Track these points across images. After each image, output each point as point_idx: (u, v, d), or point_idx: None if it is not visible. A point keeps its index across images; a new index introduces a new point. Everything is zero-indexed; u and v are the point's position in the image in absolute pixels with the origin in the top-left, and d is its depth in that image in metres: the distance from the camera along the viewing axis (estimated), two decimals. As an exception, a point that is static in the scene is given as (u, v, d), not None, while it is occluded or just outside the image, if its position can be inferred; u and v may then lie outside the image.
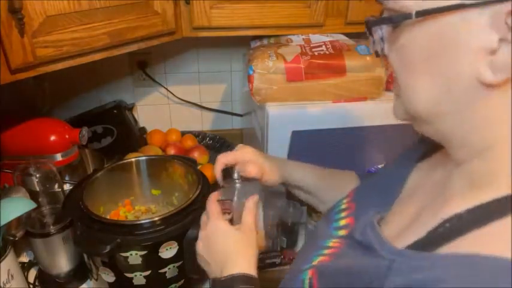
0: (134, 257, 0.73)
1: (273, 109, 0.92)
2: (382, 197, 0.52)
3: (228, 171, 0.68)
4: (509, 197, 0.33)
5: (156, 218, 0.75)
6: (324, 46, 0.96)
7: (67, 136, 0.95)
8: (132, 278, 0.76)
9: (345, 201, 0.60)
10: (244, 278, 0.52)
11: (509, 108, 0.34)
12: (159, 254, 0.74)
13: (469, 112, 0.36)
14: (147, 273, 0.76)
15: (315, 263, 0.51)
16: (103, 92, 1.33)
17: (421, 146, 0.55)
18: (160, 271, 0.77)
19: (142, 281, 0.77)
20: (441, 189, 0.42)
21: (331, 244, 0.53)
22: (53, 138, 0.94)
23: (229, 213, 0.62)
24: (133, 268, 0.75)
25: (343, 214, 0.57)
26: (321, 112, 0.93)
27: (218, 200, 0.63)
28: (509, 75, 0.32)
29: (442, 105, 0.37)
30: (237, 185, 0.65)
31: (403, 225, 0.44)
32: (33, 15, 0.70)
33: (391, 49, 0.40)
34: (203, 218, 0.62)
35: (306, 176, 0.75)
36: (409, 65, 0.39)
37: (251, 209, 0.60)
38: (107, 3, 0.81)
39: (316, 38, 1.02)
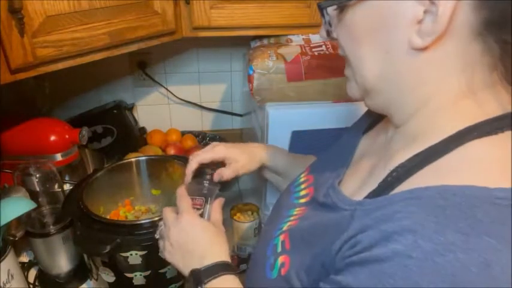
0: (134, 257, 0.73)
1: (273, 109, 0.92)
2: (336, 165, 0.58)
3: (197, 171, 0.71)
4: (434, 145, 0.41)
5: (156, 218, 0.75)
6: (324, 46, 0.96)
7: (67, 136, 0.95)
8: (132, 278, 0.76)
9: (302, 175, 0.66)
10: (226, 266, 0.56)
11: (435, 67, 0.41)
12: (159, 254, 0.74)
13: (406, 76, 0.43)
14: (147, 273, 0.76)
15: (284, 228, 0.56)
16: (103, 92, 1.33)
17: (366, 119, 0.63)
18: (160, 271, 0.77)
19: (142, 281, 0.77)
20: (385, 149, 0.50)
21: (295, 212, 0.59)
22: (53, 138, 0.94)
23: (198, 209, 0.63)
24: (133, 268, 0.75)
25: (302, 186, 0.63)
26: (321, 112, 0.93)
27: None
28: (433, 38, 0.38)
29: (385, 71, 0.44)
30: (206, 185, 0.68)
31: (358, 184, 0.51)
32: (33, 15, 0.70)
33: (340, 28, 0.47)
34: (170, 214, 0.62)
35: (282, 160, 0.81)
36: (355, 39, 0.45)
37: (219, 209, 0.65)
38: (107, 3, 0.81)
39: (316, 38, 1.02)
